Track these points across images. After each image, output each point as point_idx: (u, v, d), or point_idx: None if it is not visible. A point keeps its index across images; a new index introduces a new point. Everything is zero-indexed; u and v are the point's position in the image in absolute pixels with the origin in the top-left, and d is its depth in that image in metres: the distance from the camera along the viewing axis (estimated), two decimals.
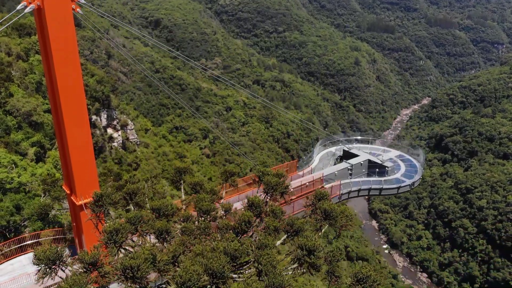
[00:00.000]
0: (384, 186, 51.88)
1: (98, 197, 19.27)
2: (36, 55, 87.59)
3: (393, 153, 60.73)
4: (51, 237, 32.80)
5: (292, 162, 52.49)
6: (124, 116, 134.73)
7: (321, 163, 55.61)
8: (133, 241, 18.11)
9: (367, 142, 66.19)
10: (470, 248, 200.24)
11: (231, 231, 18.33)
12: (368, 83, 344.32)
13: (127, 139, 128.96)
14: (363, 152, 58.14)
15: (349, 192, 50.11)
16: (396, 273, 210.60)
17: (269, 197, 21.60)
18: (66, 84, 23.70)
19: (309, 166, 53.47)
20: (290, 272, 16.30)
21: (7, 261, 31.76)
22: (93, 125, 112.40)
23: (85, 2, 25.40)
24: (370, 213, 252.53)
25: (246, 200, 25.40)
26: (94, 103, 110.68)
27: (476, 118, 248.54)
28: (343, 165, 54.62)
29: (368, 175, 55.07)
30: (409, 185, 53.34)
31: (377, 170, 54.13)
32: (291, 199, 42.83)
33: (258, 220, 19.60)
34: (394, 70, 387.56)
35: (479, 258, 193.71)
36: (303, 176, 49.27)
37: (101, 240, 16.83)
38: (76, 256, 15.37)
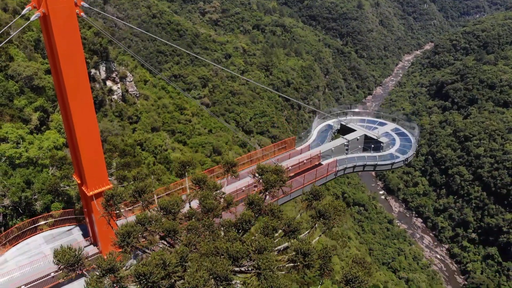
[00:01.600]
0: (379, 163, 52.61)
1: (109, 197, 20.57)
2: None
3: (389, 126, 61.14)
4: (63, 217, 34.61)
5: (290, 138, 53.37)
6: (123, 67, 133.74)
7: (319, 138, 56.40)
8: (144, 237, 19.51)
9: (364, 114, 66.40)
10: (465, 195, 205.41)
11: (233, 228, 19.80)
12: (370, 28, 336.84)
13: (127, 91, 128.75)
14: (360, 127, 58.59)
15: (344, 169, 51.14)
16: (391, 218, 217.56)
17: (268, 193, 22.81)
18: (73, 84, 24.51)
19: (307, 142, 54.39)
20: (286, 265, 17.91)
21: (23, 240, 33.69)
22: (92, 78, 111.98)
23: (88, 6, 25.46)
24: None
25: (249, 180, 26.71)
26: (93, 56, 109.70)
27: (478, 65, 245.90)
28: (340, 141, 55.09)
29: (364, 149, 56.17)
30: (402, 161, 54.02)
31: (372, 145, 55.20)
32: (290, 176, 44.36)
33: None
34: (398, 14, 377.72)
35: (474, 205, 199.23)
36: (301, 153, 50.31)
37: (115, 242, 18.34)
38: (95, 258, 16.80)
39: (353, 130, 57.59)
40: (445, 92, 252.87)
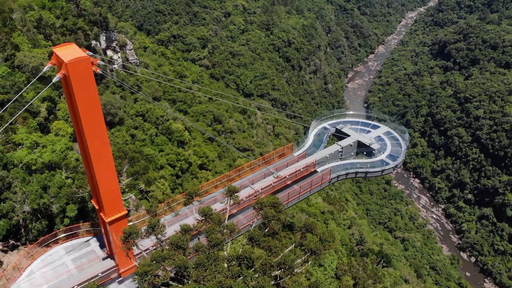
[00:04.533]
0: (369, 170, 54.78)
1: (127, 234, 23.01)
2: None
3: (382, 129, 62.76)
4: (82, 229, 37.34)
5: (288, 145, 55.08)
6: (122, 35, 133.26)
7: (315, 142, 58.34)
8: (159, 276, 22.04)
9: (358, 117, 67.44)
10: (463, 156, 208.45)
11: (234, 262, 22.28)
12: None
13: (127, 60, 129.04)
14: (353, 132, 60.14)
15: (338, 176, 53.19)
16: (389, 179, 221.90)
17: (266, 229, 25.15)
18: (92, 130, 26.89)
19: (304, 147, 56.27)
20: None
21: (46, 252, 36.47)
22: (93, 50, 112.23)
23: (103, 63, 26.80)
24: None
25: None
26: (93, 27, 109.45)
27: (482, 24, 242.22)
28: (335, 147, 56.69)
29: (357, 153, 58.30)
30: (392, 167, 56.17)
31: (365, 152, 57.35)
32: (287, 185, 46.76)
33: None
34: None
35: (471, 166, 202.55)
36: (298, 161, 52.41)
37: (134, 279, 20.93)
38: None
39: (348, 135, 59.37)
40: (447, 52, 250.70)
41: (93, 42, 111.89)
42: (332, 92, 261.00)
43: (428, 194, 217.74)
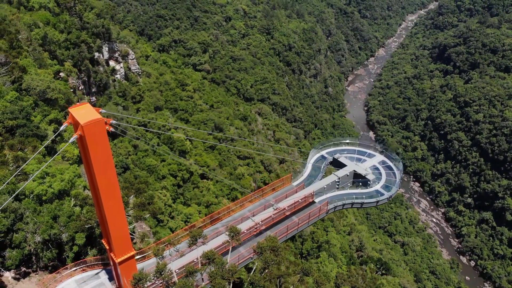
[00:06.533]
0: (365, 201, 56.11)
1: (137, 280, 24.62)
2: None
3: (377, 158, 64.28)
4: (93, 263, 38.92)
5: (286, 176, 56.41)
6: (124, 45, 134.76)
7: (313, 173, 59.79)
8: None
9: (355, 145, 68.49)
10: (463, 160, 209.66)
11: None
12: None
13: (129, 69, 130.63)
14: (350, 162, 61.48)
15: (335, 207, 54.71)
16: None
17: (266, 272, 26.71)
18: (106, 186, 29.07)
19: (302, 176, 57.78)
20: None
21: (58, 285, 38.05)
22: (96, 62, 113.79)
23: (117, 122, 28.42)
24: (368, 124, 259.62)
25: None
26: (96, 40, 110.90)
27: (482, 28, 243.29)
28: (332, 178, 57.92)
29: (353, 182, 59.89)
30: (387, 198, 57.45)
31: (360, 183, 58.86)
32: (286, 216, 48.28)
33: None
34: None
35: (471, 170, 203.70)
36: (296, 192, 53.78)
37: None
38: None
39: (344, 165, 60.67)
40: (447, 56, 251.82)
41: (96, 54, 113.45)
42: (332, 95, 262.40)
43: (428, 198, 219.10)
